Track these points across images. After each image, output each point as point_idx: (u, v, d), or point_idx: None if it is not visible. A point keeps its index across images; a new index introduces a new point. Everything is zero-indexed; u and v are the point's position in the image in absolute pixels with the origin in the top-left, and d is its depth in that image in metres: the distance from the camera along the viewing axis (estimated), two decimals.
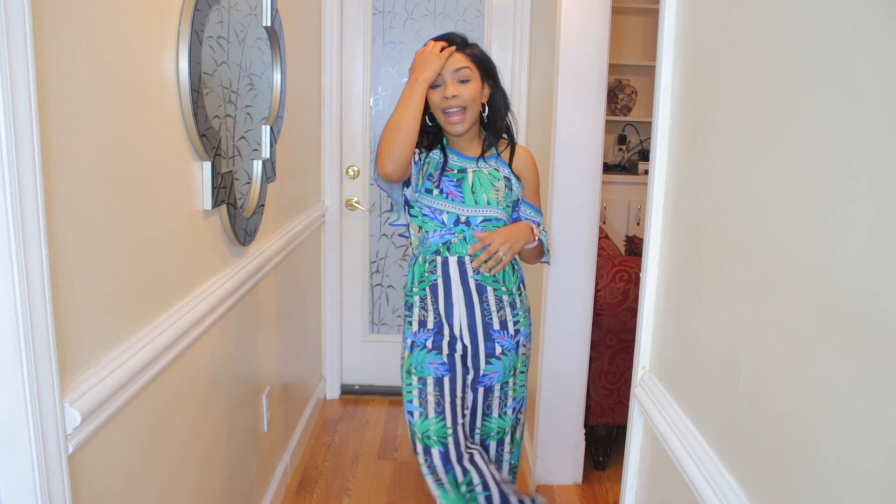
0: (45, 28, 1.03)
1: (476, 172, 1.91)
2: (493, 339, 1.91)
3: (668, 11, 1.30)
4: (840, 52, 0.77)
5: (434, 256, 1.90)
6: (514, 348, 1.94)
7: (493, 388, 1.95)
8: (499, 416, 1.97)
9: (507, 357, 1.94)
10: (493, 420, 1.98)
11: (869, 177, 0.71)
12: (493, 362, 1.92)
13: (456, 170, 1.91)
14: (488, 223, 1.89)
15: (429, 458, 1.87)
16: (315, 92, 3.17)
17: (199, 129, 1.61)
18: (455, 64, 1.85)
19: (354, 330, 3.59)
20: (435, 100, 1.86)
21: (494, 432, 1.99)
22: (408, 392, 1.92)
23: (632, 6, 4.77)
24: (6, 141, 0.89)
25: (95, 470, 1.22)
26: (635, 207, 4.84)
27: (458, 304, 1.90)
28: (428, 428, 1.88)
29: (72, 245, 1.12)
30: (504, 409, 1.98)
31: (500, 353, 1.92)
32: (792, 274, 0.86)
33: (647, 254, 1.38)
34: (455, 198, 1.89)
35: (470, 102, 1.86)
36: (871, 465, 0.70)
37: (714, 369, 1.09)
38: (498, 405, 1.97)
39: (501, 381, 1.95)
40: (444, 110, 1.86)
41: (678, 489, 1.18)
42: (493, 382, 1.94)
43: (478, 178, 1.90)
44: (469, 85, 1.86)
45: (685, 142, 1.25)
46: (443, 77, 1.85)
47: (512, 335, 1.93)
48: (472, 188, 1.89)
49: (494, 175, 1.92)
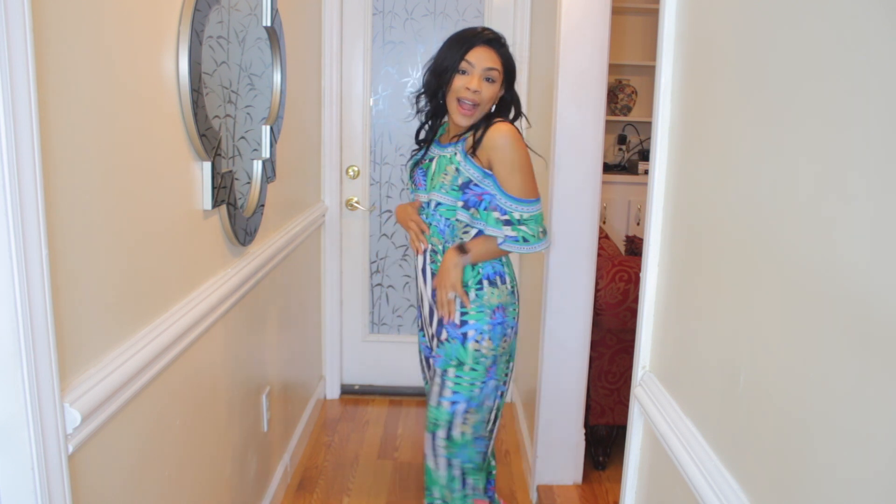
0: (45, 28, 1.03)
1: (439, 158, 1.95)
2: (441, 323, 1.96)
3: (668, 11, 1.30)
4: (840, 52, 0.77)
5: None
6: (459, 339, 1.91)
7: (436, 371, 1.98)
8: (435, 406, 1.96)
9: (451, 345, 1.93)
10: (430, 409, 1.98)
11: (870, 177, 0.71)
12: (439, 346, 1.98)
13: (428, 159, 1.98)
14: (441, 207, 1.92)
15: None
16: (315, 92, 3.17)
17: (199, 129, 1.61)
18: (489, 62, 1.87)
19: (354, 330, 3.59)
20: (457, 85, 1.86)
21: (431, 423, 1.97)
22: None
23: (632, 6, 4.77)
24: (6, 141, 0.89)
25: (95, 470, 1.21)
26: (635, 207, 4.84)
27: (424, 291, 2.02)
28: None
29: (72, 245, 1.12)
30: (440, 398, 1.94)
31: (444, 338, 1.95)
32: (792, 274, 0.86)
33: (647, 254, 1.38)
34: (422, 187, 1.99)
35: (485, 103, 1.89)
36: (871, 466, 0.70)
37: (714, 369, 1.09)
38: (436, 392, 1.96)
39: (442, 366, 1.95)
40: (460, 98, 1.87)
41: (678, 489, 1.18)
42: (437, 365, 1.98)
43: (438, 165, 1.95)
44: (492, 86, 1.88)
45: (685, 142, 1.25)
46: (473, 66, 1.85)
47: (457, 325, 1.92)
48: (433, 174, 1.94)
49: (450, 160, 1.91)
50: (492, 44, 1.88)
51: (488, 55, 1.86)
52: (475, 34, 1.88)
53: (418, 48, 3.36)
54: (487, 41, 1.87)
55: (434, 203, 1.93)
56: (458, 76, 1.86)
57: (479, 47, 1.86)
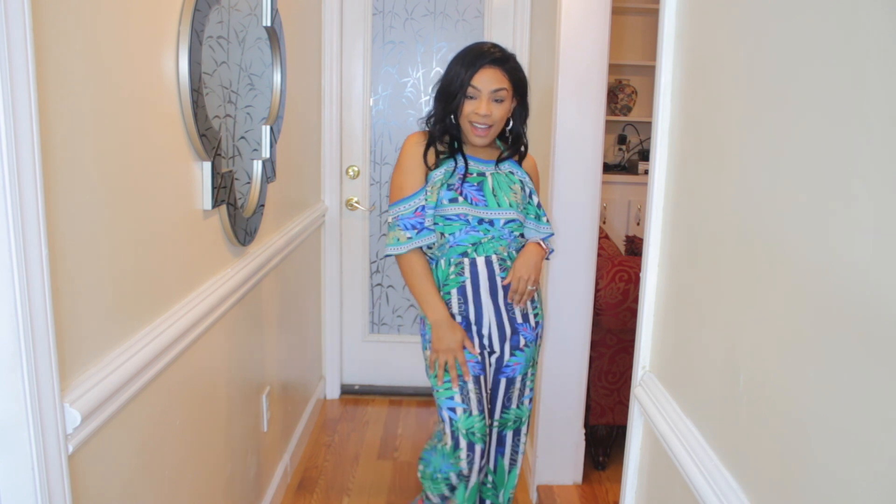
0: (45, 28, 1.03)
1: (494, 175, 1.95)
2: (518, 331, 1.98)
3: (668, 11, 1.30)
4: (841, 51, 0.77)
5: (461, 258, 1.93)
6: (534, 339, 2.02)
7: (514, 380, 2.02)
8: (517, 407, 2.05)
9: (529, 349, 2.01)
10: (511, 411, 2.05)
11: (870, 176, 0.71)
12: (517, 354, 2.00)
13: (475, 173, 1.94)
14: (511, 223, 1.94)
15: (471, 454, 1.92)
16: (315, 92, 3.17)
17: (199, 129, 1.61)
18: (495, 84, 1.86)
19: (354, 330, 3.59)
20: (467, 111, 1.88)
21: (511, 422, 2.06)
22: (447, 389, 1.94)
23: (632, 6, 4.77)
24: (6, 141, 0.89)
25: (95, 470, 1.21)
26: (635, 207, 4.84)
27: (487, 304, 1.95)
28: (472, 424, 1.93)
29: (72, 245, 1.12)
30: (522, 398, 2.06)
31: (523, 344, 2.00)
32: (792, 274, 0.86)
33: (647, 254, 1.38)
34: (479, 202, 1.92)
35: (498, 122, 1.90)
36: (872, 466, 0.70)
37: (714, 369, 1.09)
38: (517, 396, 2.05)
39: (523, 372, 2.02)
40: (472, 122, 1.88)
41: (678, 489, 1.18)
42: (516, 374, 2.02)
43: (496, 182, 1.94)
44: (502, 105, 1.89)
45: (685, 142, 1.25)
46: (479, 91, 1.85)
47: (533, 327, 2.01)
48: (493, 191, 1.93)
49: (511, 178, 1.97)
50: (497, 63, 1.86)
51: (494, 76, 1.85)
52: (481, 54, 1.86)
53: (418, 48, 3.36)
54: (493, 62, 1.85)
55: (503, 220, 1.93)
56: (467, 101, 1.87)
57: (484, 69, 1.84)
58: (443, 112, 1.91)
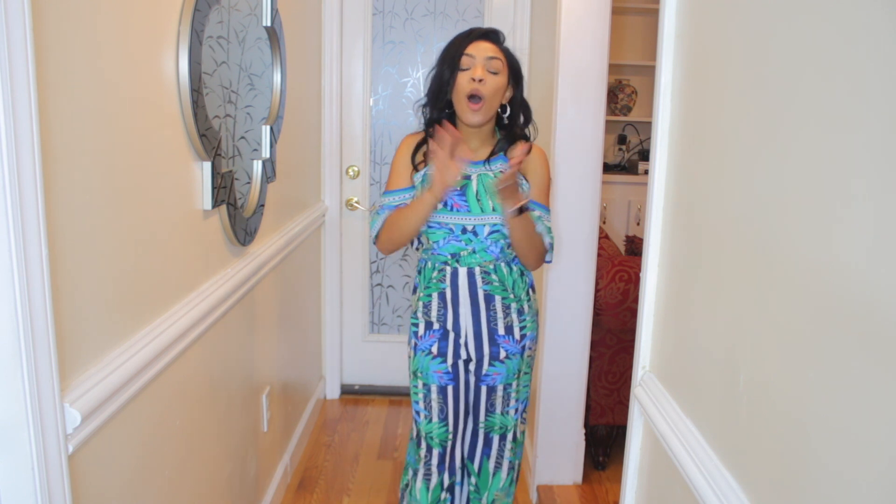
0: (45, 28, 1.03)
1: (481, 177, 1.86)
2: (497, 343, 1.93)
3: (668, 11, 1.30)
4: (841, 51, 0.77)
5: (443, 266, 1.90)
6: (519, 352, 1.96)
7: (495, 388, 1.99)
8: (501, 414, 2.01)
9: (512, 361, 1.96)
10: (496, 416, 2.02)
11: (870, 177, 0.71)
12: (496, 365, 1.95)
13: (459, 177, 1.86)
14: (497, 234, 1.85)
15: (429, 456, 2.00)
16: (315, 92, 3.17)
17: (199, 129, 1.61)
18: (488, 52, 1.82)
19: (354, 330, 3.59)
20: (462, 82, 1.81)
21: (497, 427, 2.03)
22: (414, 393, 2.02)
23: (632, 6, 4.77)
24: (6, 141, 0.89)
25: (95, 470, 1.21)
26: (635, 207, 4.84)
27: (465, 315, 1.92)
28: (432, 430, 1.99)
29: (72, 245, 1.12)
30: (506, 408, 2.01)
31: (503, 357, 1.95)
32: (792, 274, 0.86)
33: (647, 254, 1.38)
34: (460, 208, 1.85)
35: (491, 95, 1.82)
36: (872, 467, 0.70)
37: (714, 369, 1.09)
38: (501, 404, 2.01)
39: (504, 382, 1.98)
40: (468, 94, 1.81)
41: (678, 489, 1.18)
42: (496, 383, 1.98)
43: (482, 184, 1.86)
44: (496, 77, 1.82)
45: (685, 142, 1.25)
46: (473, 59, 1.81)
47: (518, 339, 1.95)
48: (477, 195, 1.85)
49: None
50: (489, 37, 1.85)
51: (489, 46, 1.83)
52: (471, 31, 1.87)
53: (418, 48, 3.36)
54: (484, 34, 1.85)
55: (488, 229, 1.84)
56: (461, 73, 1.81)
57: (478, 41, 1.84)
58: (438, 90, 1.86)
